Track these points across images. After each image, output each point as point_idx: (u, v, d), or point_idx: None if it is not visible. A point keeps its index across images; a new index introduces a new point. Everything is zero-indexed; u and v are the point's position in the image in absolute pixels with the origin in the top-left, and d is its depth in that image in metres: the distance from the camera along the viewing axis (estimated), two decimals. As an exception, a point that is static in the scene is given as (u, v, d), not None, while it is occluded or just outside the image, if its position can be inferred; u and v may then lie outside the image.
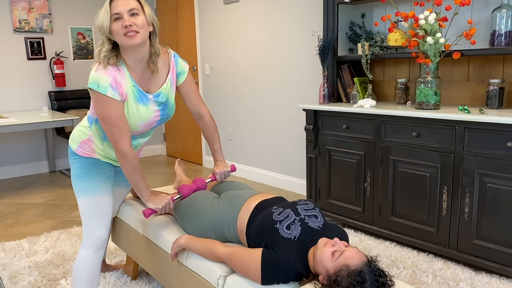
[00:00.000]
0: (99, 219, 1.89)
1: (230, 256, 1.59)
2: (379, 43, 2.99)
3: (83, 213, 1.90)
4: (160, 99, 1.84)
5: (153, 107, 1.83)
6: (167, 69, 1.87)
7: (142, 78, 1.79)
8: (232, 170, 2.09)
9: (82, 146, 1.92)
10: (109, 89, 1.67)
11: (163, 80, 1.86)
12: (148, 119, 1.84)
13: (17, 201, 3.99)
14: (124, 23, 1.63)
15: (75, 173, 1.92)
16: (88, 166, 1.91)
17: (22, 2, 4.79)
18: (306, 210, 1.66)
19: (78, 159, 1.92)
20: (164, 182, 4.55)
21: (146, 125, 1.86)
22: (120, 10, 1.63)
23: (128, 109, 1.76)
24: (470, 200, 2.36)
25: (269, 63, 4.14)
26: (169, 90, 1.88)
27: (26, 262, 2.67)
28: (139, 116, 1.80)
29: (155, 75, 1.83)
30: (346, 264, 1.37)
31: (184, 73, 1.93)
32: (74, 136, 1.95)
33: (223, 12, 4.59)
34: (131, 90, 1.75)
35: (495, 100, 2.48)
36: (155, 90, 1.83)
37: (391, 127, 2.67)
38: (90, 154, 1.92)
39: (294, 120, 3.98)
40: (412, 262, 2.56)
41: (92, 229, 1.89)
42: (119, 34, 1.65)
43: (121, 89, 1.71)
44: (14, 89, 4.88)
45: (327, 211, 3.14)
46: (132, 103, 1.76)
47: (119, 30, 1.64)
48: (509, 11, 2.40)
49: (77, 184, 1.91)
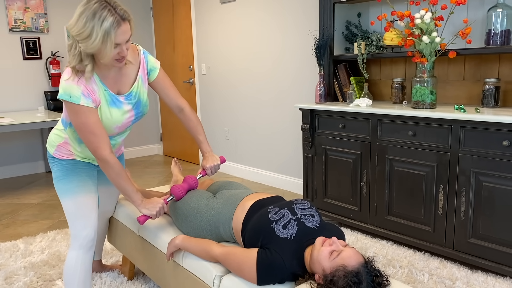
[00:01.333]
0: (84, 219, 1.88)
1: (226, 256, 1.58)
2: (375, 43, 3.00)
3: (68, 214, 1.89)
4: (132, 99, 1.83)
5: (126, 108, 1.82)
6: (137, 66, 1.84)
7: (112, 80, 1.76)
8: (222, 162, 2.05)
9: (59, 149, 1.91)
10: (82, 98, 1.64)
11: (133, 78, 1.83)
12: (122, 121, 1.82)
13: (13, 201, 3.98)
14: (122, 54, 1.61)
15: (56, 176, 1.90)
16: (67, 167, 1.90)
17: (17, 1, 4.77)
18: (303, 209, 1.65)
19: (57, 162, 1.91)
20: (161, 182, 4.54)
21: (120, 127, 1.86)
22: (121, 41, 1.58)
23: (102, 113, 1.75)
24: (466, 199, 2.36)
25: (266, 63, 4.14)
26: (141, 87, 1.86)
27: (21, 263, 2.66)
28: (112, 120, 1.78)
29: (124, 74, 1.79)
30: (343, 264, 1.37)
31: (156, 69, 1.91)
32: (51, 140, 1.93)
33: (220, 11, 4.59)
34: (102, 94, 1.73)
35: (490, 99, 2.49)
36: (126, 90, 1.81)
37: (387, 126, 2.67)
38: (68, 156, 1.91)
39: (290, 119, 3.98)
40: (409, 261, 2.56)
41: (79, 230, 1.88)
42: (110, 58, 1.61)
43: (94, 95, 1.69)
44: (10, 89, 4.86)
45: (324, 211, 3.14)
46: (104, 107, 1.75)
47: (113, 56, 1.61)
48: (505, 10, 2.41)
49: (59, 186, 1.89)
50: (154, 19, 5.72)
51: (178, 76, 5.42)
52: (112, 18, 1.51)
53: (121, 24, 1.54)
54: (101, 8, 1.51)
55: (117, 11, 1.54)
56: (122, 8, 1.57)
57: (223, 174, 4.84)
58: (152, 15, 5.74)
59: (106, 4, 1.53)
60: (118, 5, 1.56)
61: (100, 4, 1.52)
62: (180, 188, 1.94)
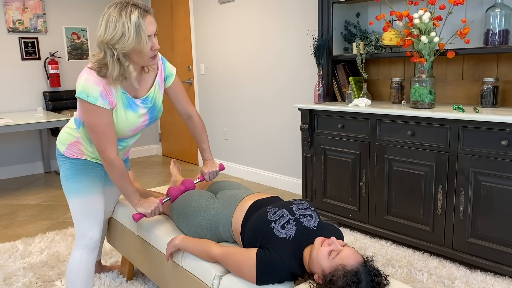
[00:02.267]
0: (91, 219, 1.88)
1: (225, 256, 1.59)
2: (374, 42, 3.00)
3: (74, 214, 1.89)
4: (148, 104, 1.84)
5: (142, 111, 1.83)
6: (155, 72, 1.87)
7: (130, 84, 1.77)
8: (221, 169, 2.09)
9: (70, 148, 1.90)
10: (99, 99, 1.65)
11: (151, 83, 1.85)
12: (137, 124, 1.84)
13: (12, 202, 3.97)
14: (155, 47, 1.62)
15: (65, 175, 1.90)
16: (77, 167, 1.90)
17: (16, 2, 4.76)
18: (301, 209, 1.65)
19: (67, 161, 1.91)
20: (160, 182, 4.54)
21: (134, 130, 1.86)
22: (151, 32, 1.60)
23: (117, 116, 1.75)
24: (464, 198, 2.36)
25: (265, 63, 4.14)
26: (157, 93, 1.87)
27: (21, 264, 2.66)
28: (127, 123, 1.79)
29: (143, 78, 1.81)
30: (342, 264, 1.37)
31: (172, 76, 1.94)
32: (62, 138, 1.93)
33: (218, 11, 4.59)
34: (120, 97, 1.74)
35: (489, 98, 2.49)
36: (143, 94, 1.82)
37: (386, 126, 2.68)
38: (78, 156, 1.91)
39: (289, 119, 3.98)
40: (408, 260, 2.56)
41: (85, 230, 1.88)
42: (146, 55, 1.63)
43: (111, 97, 1.69)
44: (8, 89, 4.85)
45: (323, 211, 3.14)
46: (121, 110, 1.76)
47: (148, 51, 1.62)
48: (503, 10, 2.41)
49: (67, 185, 1.89)
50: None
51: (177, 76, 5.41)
52: (138, 10, 1.56)
53: (146, 15, 1.59)
54: (124, 6, 1.56)
55: (139, 5, 1.59)
56: (142, 3, 1.61)
57: (222, 174, 4.84)
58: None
59: (126, 2, 1.58)
60: (137, 1, 1.61)
61: (121, 4, 1.57)
62: (176, 190, 1.96)
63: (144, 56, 1.63)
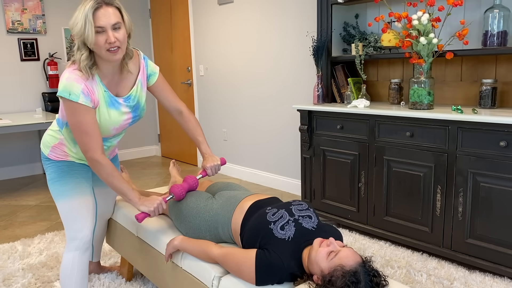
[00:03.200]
0: (80, 220, 1.87)
1: (224, 257, 1.59)
2: (372, 44, 3.01)
3: (63, 216, 1.89)
4: (131, 102, 1.84)
5: (125, 110, 1.82)
6: (137, 71, 1.86)
7: (112, 82, 1.77)
8: (222, 164, 2.02)
9: (54, 150, 1.90)
10: (81, 96, 1.65)
11: (133, 82, 1.85)
12: (120, 122, 1.83)
13: (11, 203, 3.97)
14: (109, 40, 1.61)
15: (51, 178, 1.89)
16: (62, 169, 1.89)
17: (15, 3, 4.76)
18: (300, 210, 1.66)
19: (52, 164, 1.90)
20: (159, 183, 4.54)
21: (118, 129, 1.86)
22: (104, 24, 1.59)
23: (100, 114, 1.75)
24: (463, 199, 2.37)
25: (264, 64, 4.14)
26: (140, 91, 1.87)
27: (20, 264, 2.66)
28: (110, 121, 1.79)
29: (124, 77, 1.81)
30: (341, 264, 1.37)
31: (155, 74, 1.93)
32: (45, 141, 1.92)
33: (218, 12, 4.59)
34: (102, 95, 1.74)
35: (488, 100, 2.50)
36: (125, 93, 1.82)
37: (385, 127, 2.68)
38: (63, 158, 1.90)
39: (288, 120, 3.98)
40: (407, 261, 2.57)
41: (75, 232, 1.87)
42: (102, 48, 1.62)
43: (93, 95, 1.69)
44: (7, 90, 4.85)
45: (322, 211, 3.15)
46: (103, 108, 1.75)
47: (102, 44, 1.62)
48: (501, 11, 2.42)
49: (54, 188, 1.88)
50: (152, 20, 5.72)
51: (176, 77, 5.42)
52: (93, 2, 1.58)
53: (102, 7, 1.59)
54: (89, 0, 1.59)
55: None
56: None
57: (221, 175, 4.85)
58: (150, 17, 5.74)
59: None
60: None
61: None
62: (180, 187, 1.92)
63: (99, 48, 1.63)
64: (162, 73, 5.67)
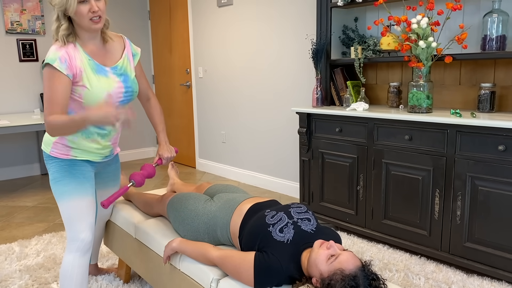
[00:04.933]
0: (82, 221, 1.87)
1: (223, 259, 1.59)
2: (372, 47, 3.01)
3: (65, 217, 1.88)
4: (118, 71, 1.87)
5: (114, 78, 1.85)
6: (122, 47, 1.93)
7: (97, 53, 1.83)
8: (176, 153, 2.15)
9: (55, 146, 1.89)
10: (57, 61, 1.69)
11: (119, 56, 1.91)
12: (113, 88, 1.84)
13: (8, 204, 3.96)
14: (93, 8, 1.68)
15: (53, 178, 1.89)
16: (65, 169, 1.88)
17: (14, 3, 4.76)
18: (299, 213, 1.66)
19: (55, 162, 1.89)
20: (157, 185, 4.54)
21: (112, 96, 1.84)
22: None
23: (90, 81, 1.77)
24: (462, 203, 2.37)
25: (263, 66, 4.15)
26: (127, 64, 1.92)
27: (17, 266, 2.65)
28: (101, 86, 1.80)
29: (109, 49, 1.87)
30: (340, 268, 1.37)
31: (138, 55, 2.01)
32: (46, 139, 1.92)
33: (217, 14, 4.60)
34: (87, 63, 1.77)
35: (486, 104, 2.51)
36: (112, 65, 1.87)
37: (384, 130, 2.68)
38: (65, 153, 1.89)
39: (287, 123, 3.99)
40: (405, 265, 2.57)
41: (76, 233, 1.86)
42: (84, 17, 1.69)
43: (73, 62, 1.72)
44: (5, 91, 4.84)
45: (320, 214, 3.15)
46: (91, 75, 1.78)
47: (85, 14, 1.68)
48: (500, 16, 2.43)
49: (56, 188, 1.88)
50: (151, 22, 5.72)
51: (175, 79, 5.42)
52: None
53: None
54: None
55: None
56: None
57: (219, 177, 4.84)
58: (149, 18, 5.74)
59: None
60: None
61: None
62: (140, 175, 1.95)
63: (82, 17, 1.69)
64: (161, 74, 5.68)
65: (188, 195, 2.00)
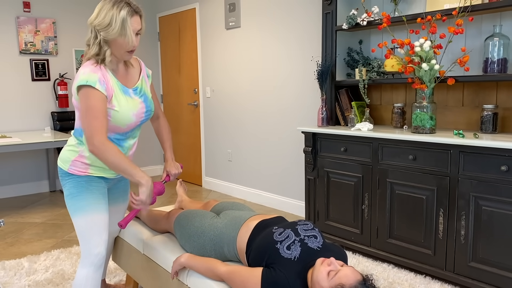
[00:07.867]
0: (97, 236, 1.91)
1: (231, 274, 1.62)
2: (376, 69, 3.08)
3: (80, 232, 1.92)
4: (139, 93, 1.97)
5: (137, 99, 1.95)
6: (139, 69, 2.04)
7: (120, 75, 1.93)
8: None
9: (74, 164, 1.94)
10: (98, 83, 1.77)
11: (137, 78, 2.01)
12: (137, 109, 1.94)
13: (18, 220, 4.01)
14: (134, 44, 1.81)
15: (69, 193, 1.93)
16: (81, 184, 1.93)
17: (29, 25, 4.91)
18: (306, 230, 1.69)
19: (72, 179, 1.94)
20: (164, 202, 4.58)
21: (137, 116, 1.93)
22: (134, 30, 1.79)
23: (119, 101, 1.86)
24: (465, 222, 2.40)
25: (269, 87, 4.23)
26: (145, 85, 2.02)
27: (26, 281, 2.68)
28: (129, 106, 1.89)
29: (129, 73, 1.98)
30: (341, 283, 1.40)
31: (150, 77, 2.11)
32: (64, 157, 1.98)
33: (225, 37, 4.71)
34: (116, 85, 1.87)
35: (489, 125, 2.55)
36: (132, 86, 1.97)
37: (388, 150, 2.73)
38: (83, 171, 1.94)
39: (293, 142, 4.04)
40: (410, 284, 2.57)
41: (91, 247, 1.90)
42: (123, 49, 1.80)
43: (108, 84, 1.82)
44: (18, 109, 4.95)
45: (326, 233, 3.17)
46: (120, 95, 1.87)
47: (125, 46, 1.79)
48: (501, 39, 2.49)
49: (72, 203, 1.92)
50: (160, 43, 5.86)
51: (183, 98, 5.51)
52: (128, 8, 1.77)
53: (134, 15, 1.79)
54: (118, 1, 1.78)
55: (131, 5, 1.79)
56: (135, 4, 1.81)
57: (225, 195, 4.88)
58: (158, 39, 5.88)
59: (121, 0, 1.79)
60: (132, 1, 1.81)
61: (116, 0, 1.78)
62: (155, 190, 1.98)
63: (122, 48, 1.80)
64: (170, 94, 5.78)
65: (194, 212, 2.04)
